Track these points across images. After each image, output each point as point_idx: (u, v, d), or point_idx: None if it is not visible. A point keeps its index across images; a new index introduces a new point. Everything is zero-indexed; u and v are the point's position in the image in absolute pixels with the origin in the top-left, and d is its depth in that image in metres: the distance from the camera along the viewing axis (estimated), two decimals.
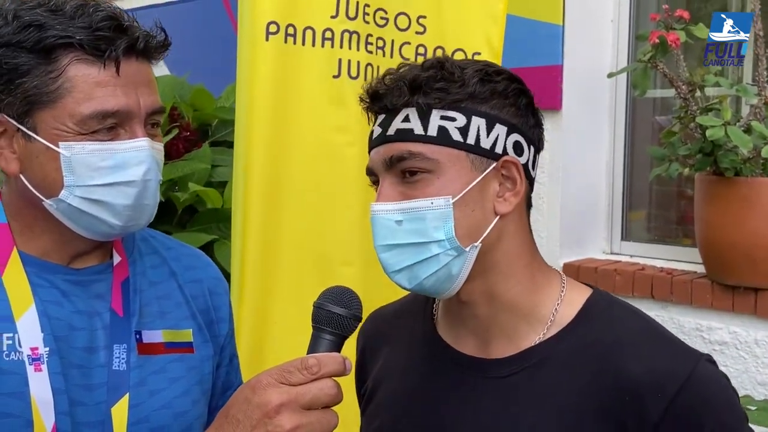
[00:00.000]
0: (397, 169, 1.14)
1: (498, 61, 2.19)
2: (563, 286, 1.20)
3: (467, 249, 1.13)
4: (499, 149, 1.15)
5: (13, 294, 1.12)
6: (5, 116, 1.12)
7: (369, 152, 1.20)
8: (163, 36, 1.18)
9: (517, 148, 1.17)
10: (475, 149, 1.14)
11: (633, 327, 1.16)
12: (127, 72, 1.12)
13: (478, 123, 1.14)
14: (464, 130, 1.13)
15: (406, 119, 1.14)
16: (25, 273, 1.14)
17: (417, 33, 2.26)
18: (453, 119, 1.13)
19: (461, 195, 1.13)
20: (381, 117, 1.18)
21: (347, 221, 2.25)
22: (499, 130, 1.15)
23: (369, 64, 2.26)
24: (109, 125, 1.11)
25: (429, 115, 1.13)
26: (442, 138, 1.13)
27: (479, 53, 2.20)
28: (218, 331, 1.34)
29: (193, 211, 3.11)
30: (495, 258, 1.16)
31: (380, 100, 1.17)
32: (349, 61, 2.24)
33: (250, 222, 2.28)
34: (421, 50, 2.24)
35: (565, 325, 1.16)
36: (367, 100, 1.19)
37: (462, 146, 1.13)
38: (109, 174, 1.12)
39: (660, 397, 1.06)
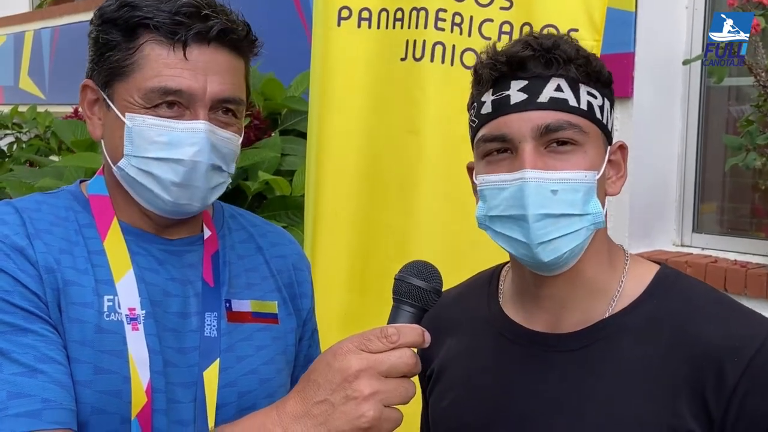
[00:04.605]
0: (547, 138, 1.12)
1: (599, 38, 1.96)
2: (626, 261, 1.22)
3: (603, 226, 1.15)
4: (612, 133, 1.19)
5: (114, 259, 1.18)
6: (95, 84, 1.22)
7: (492, 118, 1.15)
8: (244, 32, 1.21)
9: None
10: (606, 129, 1.16)
11: (705, 296, 1.18)
12: (198, 57, 1.17)
13: (607, 105, 1.17)
14: (602, 109, 1.16)
15: (559, 89, 1.13)
16: (125, 241, 1.21)
17: (502, 9, 2.04)
18: (595, 96, 1.15)
19: (601, 171, 1.15)
20: (521, 83, 1.13)
21: (411, 210, 2.19)
22: (613, 115, 1.19)
23: (439, 42, 2.10)
24: (170, 101, 1.17)
25: (578, 88, 1.13)
26: (590, 113, 1.14)
27: (576, 29, 1.92)
28: (301, 305, 1.38)
29: (262, 198, 3.16)
30: (594, 238, 1.17)
31: (525, 67, 1.14)
32: (415, 41, 2.12)
33: (321, 209, 2.29)
34: (506, 28, 2.04)
35: (635, 297, 1.18)
36: (503, 66, 1.15)
37: (600, 124, 1.15)
38: (162, 149, 1.17)
39: (737, 361, 1.07)
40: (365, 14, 2.20)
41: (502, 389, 1.22)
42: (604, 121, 1.16)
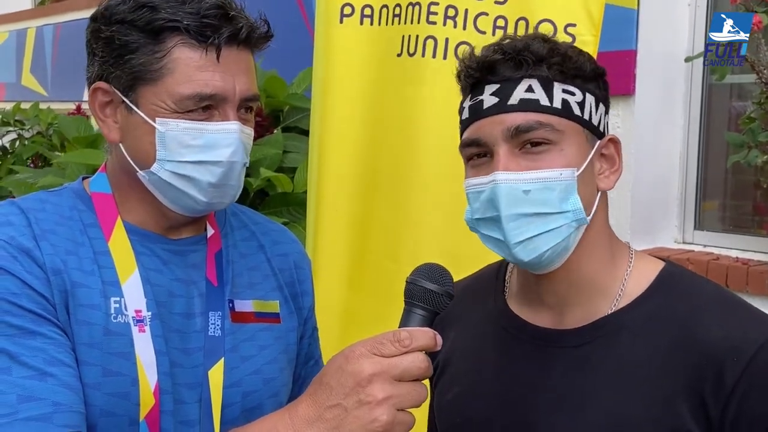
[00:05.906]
0: (519, 139, 1.13)
1: (597, 33, 1.94)
2: (631, 258, 1.22)
3: (587, 223, 1.15)
4: (602, 128, 1.19)
5: (119, 260, 1.18)
6: (113, 87, 1.19)
7: (470, 123, 1.18)
8: (265, 28, 1.22)
9: (607, 129, 1.21)
10: (589, 125, 1.17)
11: (708, 295, 1.17)
12: (227, 59, 1.17)
13: (590, 100, 1.17)
14: (581, 105, 1.16)
15: (530, 90, 1.14)
16: (129, 241, 1.20)
17: (496, 3, 2.02)
18: (572, 93, 1.15)
19: (583, 168, 1.15)
20: (493, 87, 1.16)
21: (407, 207, 2.16)
22: (602, 109, 1.19)
23: (430, 36, 2.08)
24: (204, 105, 1.16)
25: (552, 87, 1.14)
26: (566, 110, 1.14)
27: (574, 24, 1.92)
28: (302, 304, 1.38)
29: (264, 194, 3.17)
30: (588, 234, 1.17)
31: (496, 71, 1.15)
32: (410, 36, 2.11)
33: (323, 206, 2.29)
34: (500, 22, 2.01)
35: (638, 295, 1.18)
36: (476, 72, 1.17)
37: (580, 120, 1.16)
38: (198, 152, 1.16)
39: (736, 360, 1.07)
40: (367, 11, 2.19)
41: (504, 384, 1.23)
42: (586, 117, 1.16)
